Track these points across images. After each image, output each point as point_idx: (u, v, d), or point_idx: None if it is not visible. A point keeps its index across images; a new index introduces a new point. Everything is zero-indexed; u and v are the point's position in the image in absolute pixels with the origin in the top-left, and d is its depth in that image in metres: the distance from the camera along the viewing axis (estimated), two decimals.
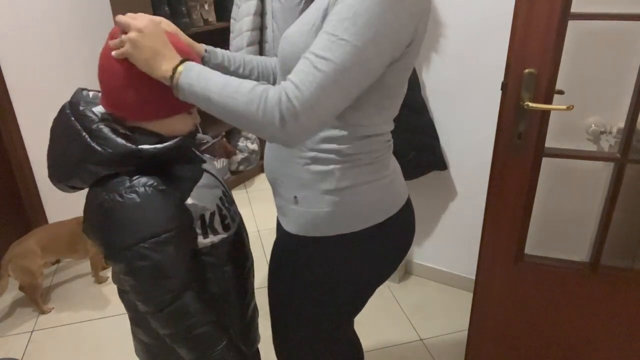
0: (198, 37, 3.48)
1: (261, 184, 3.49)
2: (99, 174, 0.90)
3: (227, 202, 1.08)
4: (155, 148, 0.90)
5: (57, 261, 2.49)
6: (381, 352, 1.94)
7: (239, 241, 1.10)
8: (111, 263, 0.94)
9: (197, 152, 1.02)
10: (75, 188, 0.98)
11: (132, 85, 0.89)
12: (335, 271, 1.01)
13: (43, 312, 2.21)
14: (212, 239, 1.01)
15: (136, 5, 2.57)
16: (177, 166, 0.97)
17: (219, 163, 3.26)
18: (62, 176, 0.96)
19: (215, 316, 0.96)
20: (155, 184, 0.90)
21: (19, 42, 2.28)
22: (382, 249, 1.03)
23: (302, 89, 0.76)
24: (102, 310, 2.22)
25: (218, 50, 1.10)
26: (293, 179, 0.98)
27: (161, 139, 0.93)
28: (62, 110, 0.94)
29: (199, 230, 0.98)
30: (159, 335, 0.97)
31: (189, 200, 0.95)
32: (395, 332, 2.04)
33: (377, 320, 2.10)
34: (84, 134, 0.89)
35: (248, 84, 0.80)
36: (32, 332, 2.11)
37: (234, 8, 2.13)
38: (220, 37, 3.09)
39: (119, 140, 0.88)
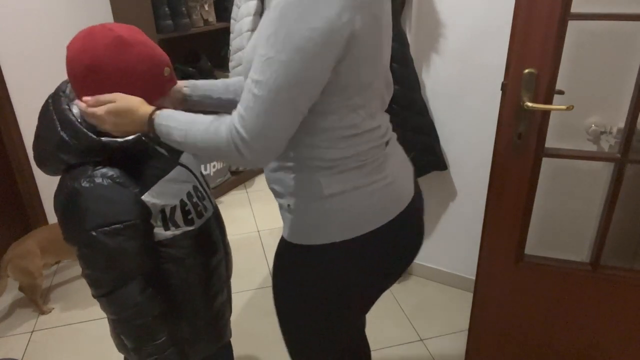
0: (198, 37, 3.44)
1: (261, 184, 3.49)
2: (69, 162, 0.95)
3: (197, 197, 1.09)
4: (116, 142, 0.94)
5: (57, 261, 2.49)
6: (381, 352, 1.94)
7: (205, 235, 1.12)
8: (69, 245, 0.98)
9: (159, 149, 1.05)
10: (55, 173, 1.02)
11: (93, 80, 0.93)
12: (330, 280, 0.99)
13: (43, 313, 2.21)
14: (173, 231, 1.04)
15: (136, 5, 2.57)
16: (144, 161, 1.01)
17: (219, 163, 3.26)
18: (39, 161, 1.01)
19: (158, 310, 0.99)
20: (114, 175, 0.94)
21: (18, 42, 2.28)
22: (380, 255, 0.99)
23: (246, 118, 0.78)
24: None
25: (199, 83, 1.14)
26: (283, 188, 0.98)
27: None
28: (47, 99, 0.99)
29: (159, 223, 1.01)
30: None
31: (149, 197, 0.97)
32: (395, 332, 2.04)
33: (377, 320, 2.10)
34: (57, 123, 0.94)
35: (201, 125, 0.84)
36: (32, 332, 2.11)
37: (234, 8, 2.13)
38: (220, 38, 3.09)
39: (85, 132, 0.93)
